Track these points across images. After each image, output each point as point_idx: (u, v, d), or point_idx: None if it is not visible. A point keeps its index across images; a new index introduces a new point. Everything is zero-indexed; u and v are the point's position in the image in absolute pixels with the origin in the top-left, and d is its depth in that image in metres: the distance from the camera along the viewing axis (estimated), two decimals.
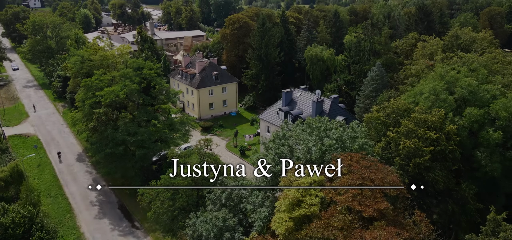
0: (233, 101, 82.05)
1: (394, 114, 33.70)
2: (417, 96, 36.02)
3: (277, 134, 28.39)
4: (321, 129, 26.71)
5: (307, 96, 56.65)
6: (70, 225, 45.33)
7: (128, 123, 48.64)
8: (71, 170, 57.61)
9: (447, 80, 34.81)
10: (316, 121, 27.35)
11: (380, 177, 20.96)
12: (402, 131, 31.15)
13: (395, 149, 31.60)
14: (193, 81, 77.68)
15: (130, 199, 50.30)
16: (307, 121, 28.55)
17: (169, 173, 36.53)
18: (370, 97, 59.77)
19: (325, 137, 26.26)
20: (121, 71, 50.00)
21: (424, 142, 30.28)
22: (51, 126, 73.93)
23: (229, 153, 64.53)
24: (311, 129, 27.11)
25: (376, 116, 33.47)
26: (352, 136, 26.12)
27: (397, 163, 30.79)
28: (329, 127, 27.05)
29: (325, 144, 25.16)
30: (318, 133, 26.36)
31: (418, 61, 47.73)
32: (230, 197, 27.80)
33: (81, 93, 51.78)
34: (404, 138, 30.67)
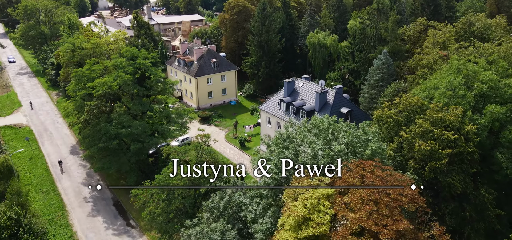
0: (233, 90, 79.37)
1: (407, 111, 31.17)
2: (431, 91, 33.39)
3: (281, 135, 25.96)
4: (329, 131, 24.24)
5: (310, 87, 54.00)
6: (62, 223, 43.33)
7: (122, 116, 46.12)
8: (64, 163, 55.34)
9: (465, 74, 32.13)
10: (323, 122, 24.86)
11: (398, 191, 18.65)
12: (417, 131, 28.70)
13: (408, 151, 29.23)
14: (191, 69, 74.84)
15: (126, 195, 48.17)
16: (314, 121, 26.07)
17: (164, 173, 34.30)
18: (375, 87, 57.14)
19: (334, 140, 23.82)
20: (114, 60, 47.20)
21: (441, 144, 27.85)
22: (45, 116, 71.43)
23: (229, 144, 62.26)
24: (318, 130, 24.64)
25: (388, 113, 30.92)
26: (363, 139, 23.71)
27: (411, 167, 28.44)
28: (337, 129, 24.58)
29: (334, 149, 22.75)
30: (325, 135, 23.92)
31: (428, 49, 44.77)
32: (229, 205, 25.65)
33: (72, 83, 49.10)
34: (419, 139, 28.26)
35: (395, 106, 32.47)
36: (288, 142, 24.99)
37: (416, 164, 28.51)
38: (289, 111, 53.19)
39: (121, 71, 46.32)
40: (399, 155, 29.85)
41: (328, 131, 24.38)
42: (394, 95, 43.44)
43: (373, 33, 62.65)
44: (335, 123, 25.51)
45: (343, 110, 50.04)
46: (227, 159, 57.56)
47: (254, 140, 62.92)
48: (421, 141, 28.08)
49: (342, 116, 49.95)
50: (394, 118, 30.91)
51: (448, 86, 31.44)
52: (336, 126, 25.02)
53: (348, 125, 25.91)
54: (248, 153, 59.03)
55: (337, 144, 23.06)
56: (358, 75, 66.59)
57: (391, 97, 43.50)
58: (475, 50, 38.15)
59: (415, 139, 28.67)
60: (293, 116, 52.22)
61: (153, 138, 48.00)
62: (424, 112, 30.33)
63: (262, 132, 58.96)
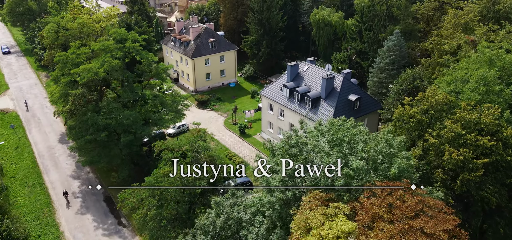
0: (232, 71, 75.07)
1: (433, 110, 27.29)
2: (458, 84, 29.37)
3: (288, 139, 22.19)
4: (345, 141, 20.47)
5: (315, 71, 49.84)
6: (48, 223, 40.27)
7: (111, 105, 42.22)
8: (53, 153, 51.96)
9: (500, 66, 28.02)
10: (338, 130, 20.95)
11: (439, 229, 15.07)
12: (446, 135, 24.91)
13: (435, 158, 25.53)
14: (187, 50, 70.27)
15: (117, 191, 44.93)
16: (329, 125, 22.07)
17: (155, 174, 30.82)
18: (385, 70, 52.92)
19: (350, 154, 20.11)
20: (101, 43, 42.83)
21: (474, 151, 24.11)
22: (33, 100, 67.50)
23: (228, 131, 58.66)
24: (331, 137, 20.84)
25: (410, 113, 26.99)
26: (387, 153, 19.99)
27: (438, 178, 24.83)
28: (354, 138, 20.75)
29: (352, 166, 19.09)
30: (340, 147, 20.18)
31: (449, 31, 40.19)
32: (227, 224, 22.28)
33: (56, 69, 44.93)
34: (449, 146, 24.52)
35: (418, 103, 28.56)
36: (297, 150, 21.25)
37: (444, 175, 24.88)
38: (292, 98, 49.29)
39: (108, 55, 42.08)
40: (424, 164, 26.17)
41: (344, 141, 20.52)
42: (410, 83, 39.45)
43: (383, 11, 57.81)
44: (352, 128, 21.67)
45: (352, 97, 46.15)
46: (226, 147, 54.11)
47: (255, 127, 59.30)
48: (451, 149, 24.32)
49: (351, 104, 46.14)
50: (418, 118, 27.02)
51: (480, 80, 27.40)
52: (352, 134, 21.23)
53: (368, 134, 21.98)
54: (249, 141, 55.56)
55: (356, 159, 19.36)
56: (366, 56, 62.17)
57: (406, 85, 39.51)
58: (507, 35, 33.73)
59: (444, 145, 24.93)
60: (297, 104, 48.37)
61: (146, 128, 44.29)
62: (451, 110, 26.47)
63: (264, 119, 55.25)
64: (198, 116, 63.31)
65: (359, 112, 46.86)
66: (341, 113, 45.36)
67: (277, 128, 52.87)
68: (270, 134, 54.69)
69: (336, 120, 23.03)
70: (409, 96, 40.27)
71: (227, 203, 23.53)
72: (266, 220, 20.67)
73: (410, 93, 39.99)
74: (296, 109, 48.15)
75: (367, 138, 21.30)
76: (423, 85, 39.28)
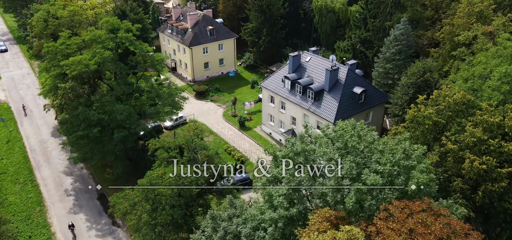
0: (231, 60, 72.54)
1: (450, 111, 25.09)
2: (477, 81, 27.10)
3: (293, 146, 20.05)
4: (359, 148, 18.22)
5: (318, 62, 47.48)
6: (39, 222, 38.52)
7: (104, 98, 40.01)
8: (45, 148, 49.99)
9: None
10: (351, 136, 18.67)
11: None
12: (466, 141, 22.79)
13: (454, 165, 23.43)
14: (185, 38, 67.62)
15: (112, 188, 43.12)
16: (339, 130, 19.84)
17: (148, 176, 28.85)
18: (392, 60, 50.59)
19: (364, 165, 17.94)
20: (92, 33, 40.36)
21: (498, 158, 22.02)
22: (25, 90, 65.19)
23: (227, 124, 56.58)
24: (344, 145, 18.58)
25: (426, 114, 24.74)
26: (405, 165, 17.84)
27: (457, 188, 22.76)
28: (368, 146, 18.58)
29: (366, 180, 17.01)
30: (353, 156, 18.02)
31: (461, 20, 37.62)
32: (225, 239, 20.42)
33: (45, 61, 42.57)
34: (470, 153, 22.42)
35: (433, 102, 26.33)
36: (302, 158, 19.16)
37: (464, 185, 22.84)
38: (294, 90, 47.07)
39: (99, 46, 39.69)
40: (441, 172, 24.07)
41: (357, 149, 18.27)
42: (419, 76, 37.18)
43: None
44: (367, 139, 19.41)
45: (357, 90, 43.93)
46: (225, 141, 52.12)
47: (255, 119, 57.21)
48: (472, 156, 22.24)
49: (355, 97, 43.95)
50: (434, 119, 24.79)
51: (503, 78, 25.15)
52: (366, 140, 19.01)
53: (385, 143, 19.69)
54: (249, 134, 53.53)
55: (370, 173, 17.23)
56: (371, 45, 59.65)
57: (416, 79, 37.24)
58: None
59: (464, 151, 22.82)
60: (299, 96, 46.18)
61: (141, 124, 42.22)
62: (469, 109, 24.29)
63: (264, 111, 53.12)
64: (196, 107, 61.18)
65: (364, 105, 44.72)
66: (346, 106, 43.29)
67: (278, 121, 50.79)
68: (271, 127, 52.65)
69: (345, 124, 20.84)
70: (418, 90, 38.25)
71: (225, 215, 21.64)
72: (268, 236, 18.73)
73: (419, 87, 37.81)
74: (298, 102, 45.98)
75: (384, 148, 19.09)
76: (433, 79, 37.06)
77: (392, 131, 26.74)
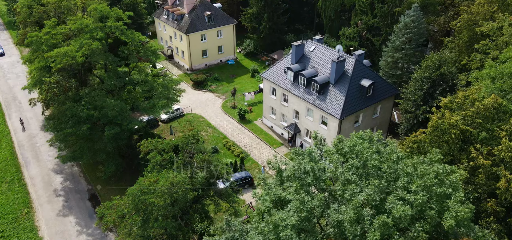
0: (231, 47, 69.22)
1: (480, 117, 22.18)
2: (507, 80, 24.14)
3: (300, 165, 17.24)
4: (382, 170, 15.26)
5: (323, 52, 44.36)
6: (26, 226, 36.17)
7: (94, 92, 37.12)
8: (34, 143, 47.33)
9: None
10: (372, 154, 15.70)
11: None
12: (502, 155, 19.97)
13: (486, 183, 20.67)
14: (181, 24, 64.15)
15: (104, 187, 40.78)
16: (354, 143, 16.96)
17: (139, 183, 26.27)
18: (401, 49, 47.47)
19: (387, 187, 15.13)
20: (78, 23, 37.13)
21: None
22: (14, 80, 62.19)
23: (226, 116, 53.80)
24: (362, 164, 15.64)
25: (452, 121, 21.76)
26: (440, 193, 15.00)
27: (490, 210, 20.09)
28: (393, 167, 15.67)
29: (392, 211, 14.21)
30: (375, 178, 15.16)
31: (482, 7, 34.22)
32: None
33: (29, 52, 39.47)
34: (505, 169, 19.67)
35: (458, 106, 23.44)
36: (312, 178, 16.42)
37: (498, 207, 20.18)
38: (297, 82, 44.13)
39: (87, 36, 36.56)
40: (472, 189, 21.27)
41: (380, 170, 15.43)
42: (435, 70, 34.20)
43: None
44: (387, 152, 16.60)
45: (364, 82, 41.00)
46: (224, 135, 49.45)
47: (256, 111, 54.43)
48: (509, 174, 19.47)
49: (363, 90, 41.06)
50: (461, 128, 21.83)
51: None
52: (390, 158, 16.11)
53: (414, 166, 16.60)
54: (249, 128, 50.83)
55: (395, 198, 14.49)
56: (378, 32, 56.32)
57: (431, 73, 34.27)
58: None
59: (499, 167, 20.07)
60: (303, 89, 43.26)
61: (134, 119, 39.42)
62: (498, 114, 21.43)
63: (265, 103, 50.25)
64: (194, 98, 58.31)
65: (372, 99, 41.86)
66: (353, 100, 40.46)
67: (280, 114, 48.01)
68: (272, 121, 49.90)
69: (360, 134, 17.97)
70: (433, 84, 35.34)
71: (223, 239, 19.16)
72: None
73: (434, 81, 34.84)
74: (301, 95, 43.09)
75: (412, 170, 16.22)
76: (450, 72, 34.10)
77: (412, 139, 23.97)
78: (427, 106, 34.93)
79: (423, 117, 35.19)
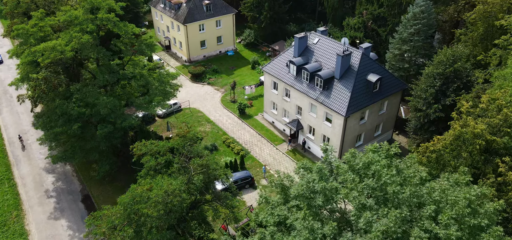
0: (230, 37, 66.74)
1: (506, 124, 20.05)
2: None
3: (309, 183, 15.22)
4: (405, 195, 13.09)
5: (327, 44, 42.09)
6: (16, 230, 34.44)
7: (85, 89, 35.01)
8: (25, 140, 45.38)
9: None
10: (391, 177, 13.62)
11: None
12: None
13: None
14: (178, 14, 61.57)
15: (99, 187, 39.02)
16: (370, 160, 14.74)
17: (132, 191, 24.38)
18: (409, 41, 45.21)
19: (410, 215, 13.00)
20: (67, 14, 34.77)
21: None
22: (5, 72, 59.96)
23: (225, 110, 51.75)
24: (379, 187, 13.60)
25: (477, 131, 19.55)
26: (474, 225, 12.84)
27: None
28: (417, 193, 13.64)
29: None
30: (395, 204, 13.16)
31: None
32: None
33: (16, 46, 37.19)
34: None
35: (482, 112, 21.32)
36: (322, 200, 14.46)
37: None
38: (300, 77, 41.95)
39: (77, 29, 34.27)
40: (502, 214, 18.95)
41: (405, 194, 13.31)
42: (448, 66, 32.01)
43: None
44: (407, 171, 14.57)
45: (371, 77, 38.85)
46: (224, 131, 47.48)
47: (256, 105, 52.35)
48: None
49: (370, 86, 38.94)
50: (487, 138, 19.60)
51: None
52: (412, 181, 14.09)
53: (443, 193, 14.54)
54: (249, 123, 48.82)
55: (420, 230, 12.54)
56: (384, 22, 53.89)
57: (444, 69, 32.09)
58: None
59: None
60: (306, 84, 41.12)
61: (128, 118, 37.36)
62: None
63: (266, 98, 48.14)
64: (192, 91, 56.17)
65: (378, 94, 39.77)
66: (359, 96, 38.38)
67: (282, 109, 45.95)
68: (273, 116, 47.86)
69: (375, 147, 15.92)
70: (446, 81, 33.19)
71: None
72: None
73: (448, 78, 32.67)
74: (304, 91, 40.97)
75: (441, 196, 14.16)
76: (464, 69, 31.93)
77: (430, 148, 21.90)
78: (440, 104, 32.84)
79: (435, 117, 33.16)
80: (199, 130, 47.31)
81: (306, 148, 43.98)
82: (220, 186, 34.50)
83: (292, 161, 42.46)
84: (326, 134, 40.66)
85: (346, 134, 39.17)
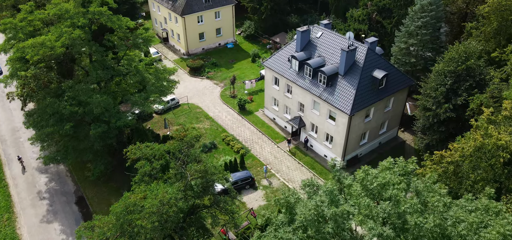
0: (230, 29, 64.72)
1: None
2: None
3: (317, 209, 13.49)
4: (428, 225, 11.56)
5: (331, 38, 40.26)
6: (7, 234, 33.09)
7: (78, 86, 33.31)
8: (17, 138, 43.85)
9: None
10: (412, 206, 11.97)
11: None
12: None
13: None
14: (176, 5, 59.47)
15: (94, 188, 37.60)
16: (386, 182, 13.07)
17: (125, 199, 22.91)
18: (416, 35, 43.36)
19: None
20: (57, 8, 32.90)
21: None
22: None
23: (225, 106, 50.10)
24: (397, 215, 12.02)
25: (501, 144, 17.72)
26: None
27: None
28: (441, 225, 12.18)
29: None
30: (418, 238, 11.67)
31: None
32: None
33: (4, 41, 35.39)
34: None
35: (507, 121, 19.57)
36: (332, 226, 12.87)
37: None
38: (302, 73, 40.22)
39: (67, 23, 32.45)
40: None
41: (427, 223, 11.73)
42: (461, 63, 30.27)
43: None
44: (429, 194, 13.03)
45: (377, 74, 37.11)
46: (223, 128, 45.91)
47: (257, 100, 50.69)
48: None
49: (376, 82, 37.23)
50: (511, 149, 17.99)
51: None
52: (434, 207, 12.57)
53: (471, 226, 13.01)
54: (249, 120, 47.23)
55: None
56: (390, 14, 51.88)
57: (455, 66, 30.37)
58: None
59: None
60: (309, 80, 39.41)
61: (123, 116, 35.74)
62: None
63: (267, 93, 46.45)
64: (190, 86, 54.45)
65: (384, 91, 38.09)
66: (364, 93, 36.71)
67: (283, 106, 44.29)
68: (274, 112, 46.23)
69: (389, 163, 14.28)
70: (458, 79, 31.48)
71: None
72: None
73: (459, 76, 30.96)
74: (307, 87, 39.27)
75: (468, 230, 12.58)
76: (478, 66, 30.22)
77: (447, 159, 20.36)
78: (450, 104, 31.18)
79: (445, 117, 31.53)
80: (197, 127, 45.72)
81: (308, 147, 42.45)
82: (218, 186, 33.14)
83: (294, 160, 40.96)
84: (329, 133, 39.10)
85: (351, 132, 37.59)
